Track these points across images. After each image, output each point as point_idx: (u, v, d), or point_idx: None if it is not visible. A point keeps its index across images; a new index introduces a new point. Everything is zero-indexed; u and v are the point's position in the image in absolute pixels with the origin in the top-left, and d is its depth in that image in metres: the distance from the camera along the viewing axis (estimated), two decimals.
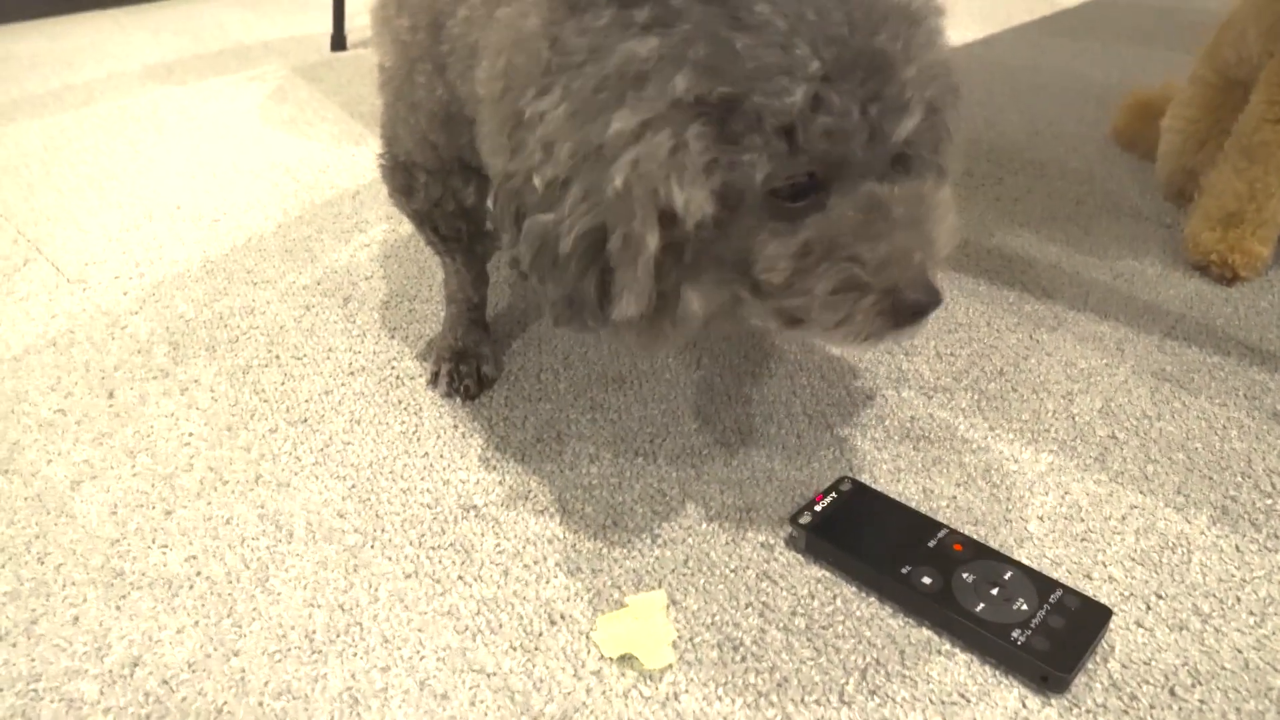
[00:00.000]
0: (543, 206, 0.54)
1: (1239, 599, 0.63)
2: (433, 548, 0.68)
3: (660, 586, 0.65)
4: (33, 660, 0.61)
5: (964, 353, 0.90)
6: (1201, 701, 0.56)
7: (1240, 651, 0.59)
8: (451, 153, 0.74)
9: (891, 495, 0.71)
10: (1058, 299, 0.99)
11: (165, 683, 0.59)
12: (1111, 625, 0.60)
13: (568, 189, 0.53)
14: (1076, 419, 0.81)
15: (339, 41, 1.94)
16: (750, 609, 0.63)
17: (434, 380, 0.86)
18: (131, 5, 2.42)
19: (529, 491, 0.73)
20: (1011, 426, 0.80)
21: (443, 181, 0.78)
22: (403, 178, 0.80)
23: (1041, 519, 0.70)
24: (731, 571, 0.66)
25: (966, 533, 0.68)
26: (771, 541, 0.68)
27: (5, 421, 0.83)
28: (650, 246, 0.52)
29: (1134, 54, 1.84)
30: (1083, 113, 1.51)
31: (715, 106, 0.50)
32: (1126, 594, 0.63)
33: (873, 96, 0.51)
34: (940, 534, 0.66)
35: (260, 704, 0.57)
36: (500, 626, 0.62)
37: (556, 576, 0.66)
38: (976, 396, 0.84)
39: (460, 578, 0.66)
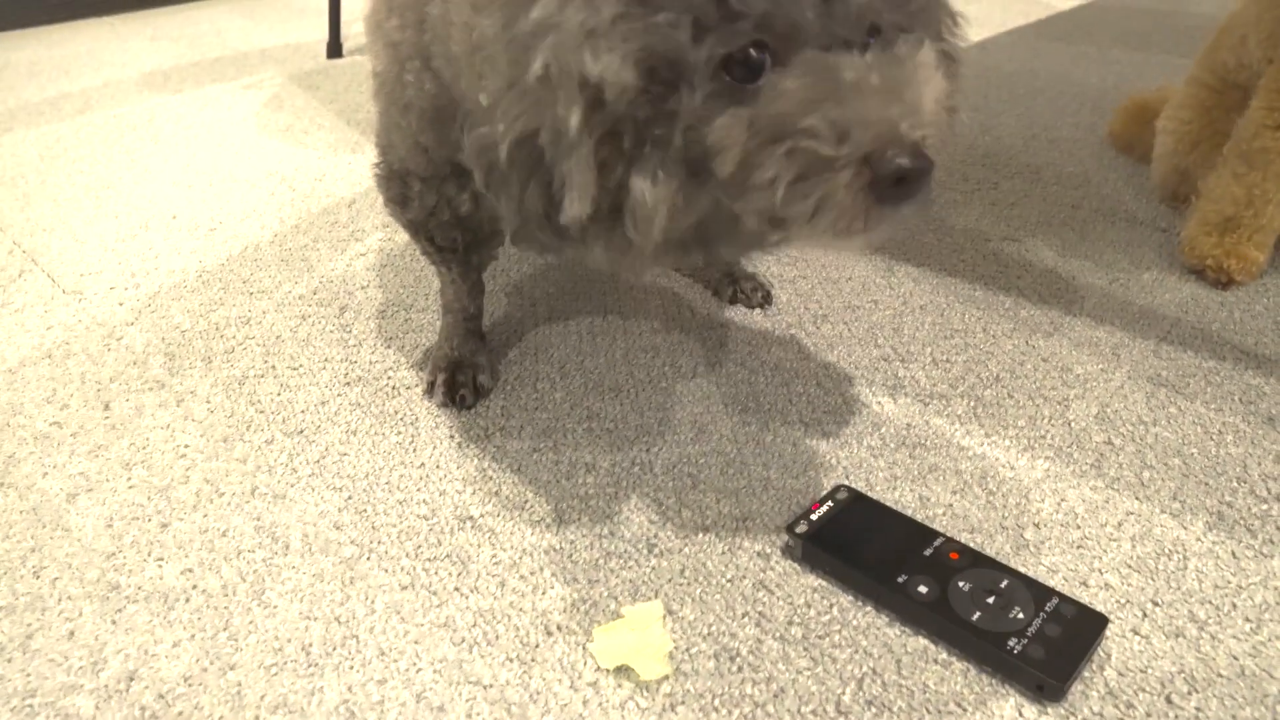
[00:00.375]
0: (485, 120, 0.52)
1: (1235, 605, 0.63)
2: (429, 559, 0.68)
3: (657, 597, 0.65)
4: (28, 675, 0.61)
5: (960, 359, 0.90)
6: (1198, 709, 0.56)
7: (1236, 658, 0.59)
8: (443, 155, 0.74)
9: (888, 503, 0.71)
10: (1053, 304, 0.99)
11: (161, 697, 0.59)
12: (1108, 633, 0.60)
13: (504, 97, 0.51)
14: (1072, 425, 0.81)
15: (335, 49, 1.94)
16: (747, 619, 0.63)
17: (430, 390, 0.86)
18: (129, 13, 2.42)
19: (525, 502, 0.73)
20: (1008, 433, 0.80)
21: (437, 189, 0.78)
22: (397, 186, 0.80)
23: (1038, 526, 0.70)
24: (728, 581, 0.66)
25: (963, 540, 0.68)
26: (768, 551, 0.68)
27: (1, 434, 0.83)
28: (578, 129, 0.49)
29: (1130, 58, 1.84)
30: (1079, 117, 1.51)
31: None
32: (1123, 601, 0.63)
33: None
34: (936, 542, 0.66)
35: (256, 718, 0.57)
36: (497, 638, 0.62)
37: (553, 587, 0.66)
38: (973, 403, 0.84)
39: (457, 589, 0.66)
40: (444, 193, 0.78)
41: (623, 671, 0.59)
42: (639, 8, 0.47)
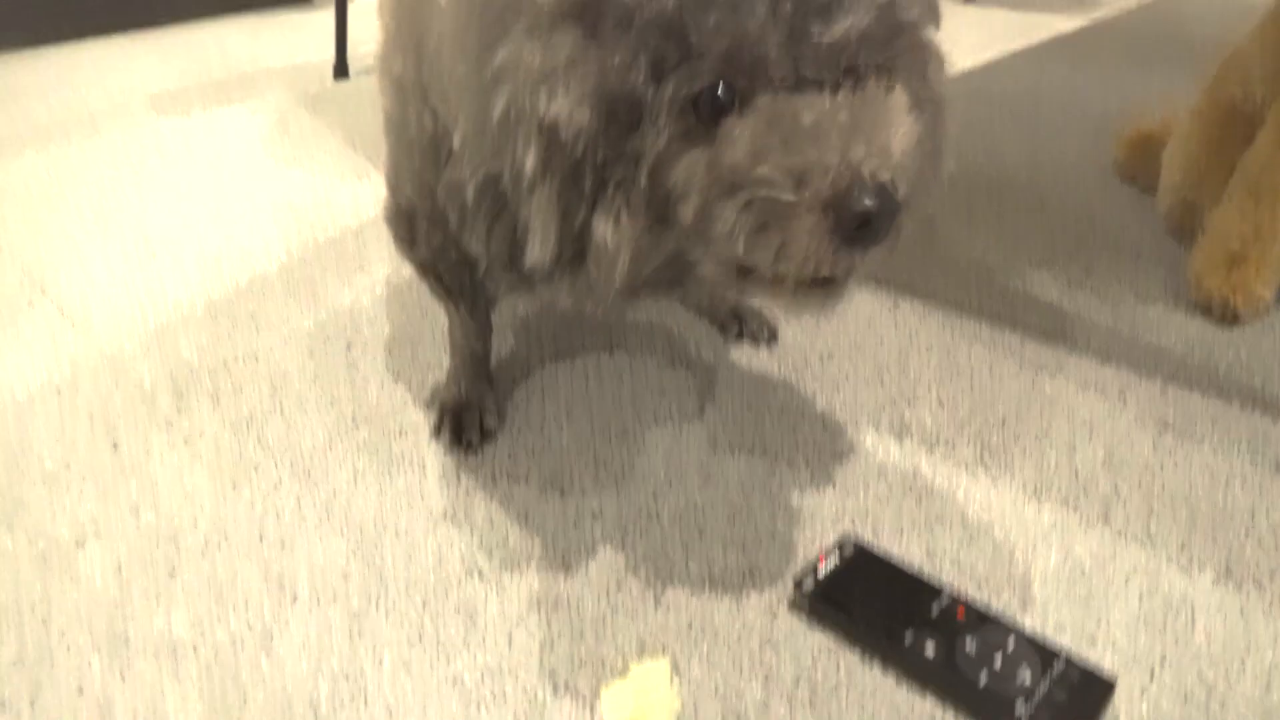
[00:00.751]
0: (456, 162, 0.53)
1: (1244, 665, 0.63)
2: (436, 612, 0.68)
3: (664, 652, 0.65)
4: None
5: (966, 401, 0.90)
6: None
7: None
8: None
9: (894, 555, 0.71)
10: (1059, 342, 0.99)
11: None
12: (1115, 696, 0.60)
13: (471, 139, 0.52)
14: (1079, 472, 0.81)
15: (341, 69, 1.95)
16: (754, 678, 0.63)
17: (437, 431, 0.86)
18: (136, 32, 2.43)
19: (532, 552, 0.73)
20: (1014, 481, 0.80)
21: (442, 228, 0.78)
22: (405, 225, 0.80)
23: (1045, 580, 0.70)
24: (735, 638, 0.66)
25: (970, 594, 0.68)
26: (775, 605, 0.68)
27: (10, 475, 0.83)
28: (536, 172, 0.49)
29: (1133, 80, 1.84)
30: (1082, 142, 1.51)
31: (585, 9, 0.47)
32: (1130, 660, 0.63)
33: None
34: (943, 599, 0.66)
35: None
36: (505, 696, 0.62)
37: (560, 642, 0.66)
38: (979, 448, 0.84)
39: (465, 643, 0.66)
40: (450, 232, 0.78)
41: None
42: (595, 49, 0.47)
